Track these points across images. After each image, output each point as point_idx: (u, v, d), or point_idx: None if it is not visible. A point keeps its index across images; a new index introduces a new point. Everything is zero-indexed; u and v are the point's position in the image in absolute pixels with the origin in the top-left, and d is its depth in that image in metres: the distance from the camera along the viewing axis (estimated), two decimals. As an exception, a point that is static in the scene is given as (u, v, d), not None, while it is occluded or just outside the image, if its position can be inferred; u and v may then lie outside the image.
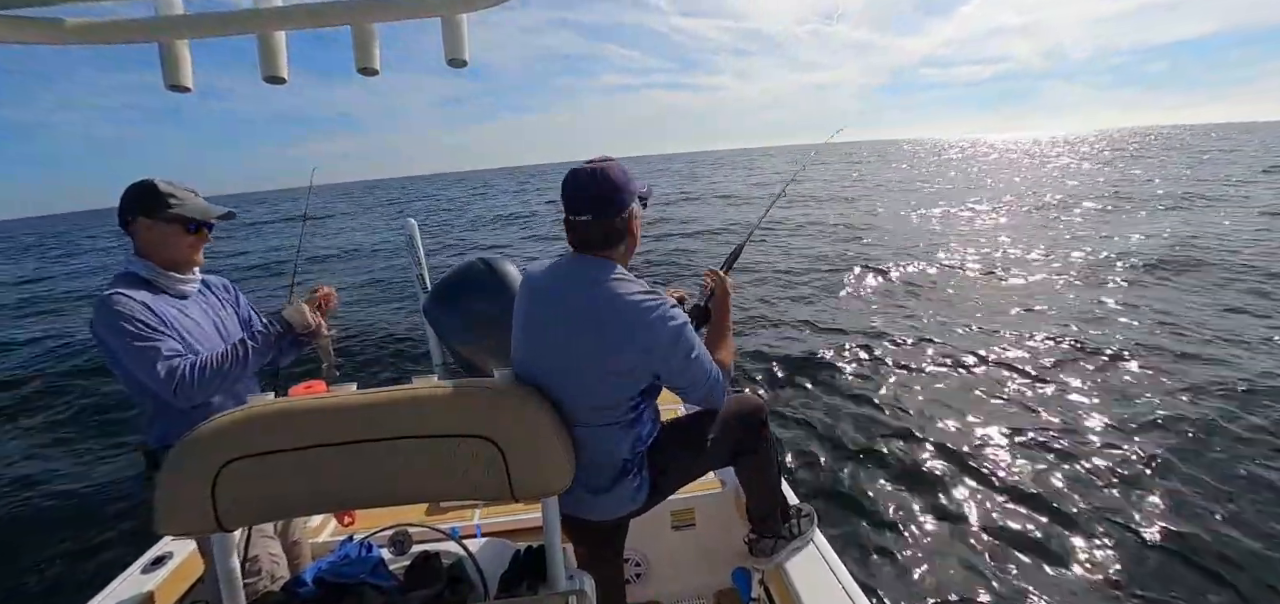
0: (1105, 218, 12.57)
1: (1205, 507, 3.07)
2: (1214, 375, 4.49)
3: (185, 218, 1.57)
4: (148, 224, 1.55)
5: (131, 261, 1.57)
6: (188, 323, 1.58)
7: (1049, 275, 7.72)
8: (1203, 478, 3.30)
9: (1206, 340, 5.27)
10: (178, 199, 1.57)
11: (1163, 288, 7.01)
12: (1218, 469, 3.37)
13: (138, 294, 1.50)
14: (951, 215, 14.51)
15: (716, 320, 1.63)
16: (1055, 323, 5.94)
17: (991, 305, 6.72)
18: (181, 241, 1.59)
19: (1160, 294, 6.73)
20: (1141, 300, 6.49)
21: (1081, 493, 3.25)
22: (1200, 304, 6.29)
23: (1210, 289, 6.82)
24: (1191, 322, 5.74)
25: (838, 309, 7.00)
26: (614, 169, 1.37)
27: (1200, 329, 5.54)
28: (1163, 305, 6.26)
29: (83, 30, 0.98)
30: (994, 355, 5.19)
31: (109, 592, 1.83)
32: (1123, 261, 8.10)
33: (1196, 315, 5.92)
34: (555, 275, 1.41)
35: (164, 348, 1.46)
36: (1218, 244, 8.91)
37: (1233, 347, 5.07)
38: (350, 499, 1.16)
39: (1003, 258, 9.07)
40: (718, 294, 1.67)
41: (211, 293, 1.74)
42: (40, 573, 3.55)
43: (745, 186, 28.18)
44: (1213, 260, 7.98)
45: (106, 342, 1.47)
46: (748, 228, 2.30)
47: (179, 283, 1.61)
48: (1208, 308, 6.16)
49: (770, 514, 1.76)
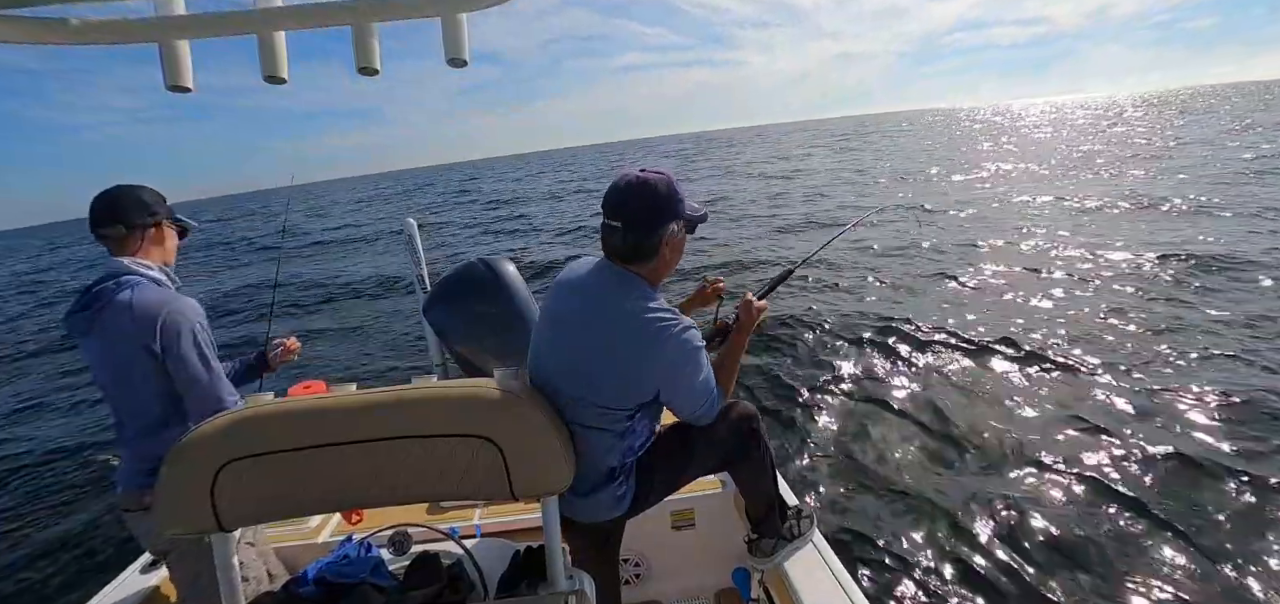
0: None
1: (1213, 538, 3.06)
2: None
3: (183, 223, 1.62)
4: (165, 228, 1.58)
5: (146, 267, 1.54)
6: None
7: (1067, 274, 7.65)
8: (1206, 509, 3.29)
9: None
10: (169, 207, 1.61)
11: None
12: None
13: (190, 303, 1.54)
14: (963, 198, 14.33)
15: (729, 345, 1.62)
16: (1077, 320, 5.91)
17: (1002, 300, 6.70)
18: (173, 244, 1.64)
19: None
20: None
21: (1083, 493, 3.25)
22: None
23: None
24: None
25: (838, 309, 6.99)
26: (659, 184, 1.35)
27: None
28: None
29: (83, 30, 0.98)
30: (1002, 349, 5.19)
31: (109, 592, 1.83)
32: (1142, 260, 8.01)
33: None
34: (584, 277, 1.42)
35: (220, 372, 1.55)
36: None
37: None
38: (350, 499, 1.17)
39: (1016, 250, 8.96)
40: (741, 320, 1.64)
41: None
42: (41, 573, 3.56)
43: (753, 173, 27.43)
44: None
45: (185, 354, 1.48)
46: (796, 259, 2.09)
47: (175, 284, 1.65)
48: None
49: (768, 516, 1.77)
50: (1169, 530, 2.91)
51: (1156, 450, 3.50)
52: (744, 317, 1.64)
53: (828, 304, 7.18)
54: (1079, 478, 3.38)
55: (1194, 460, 3.39)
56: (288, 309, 9.91)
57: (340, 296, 10.70)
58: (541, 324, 1.47)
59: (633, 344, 1.31)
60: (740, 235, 12.08)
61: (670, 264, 1.42)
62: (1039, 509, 3.16)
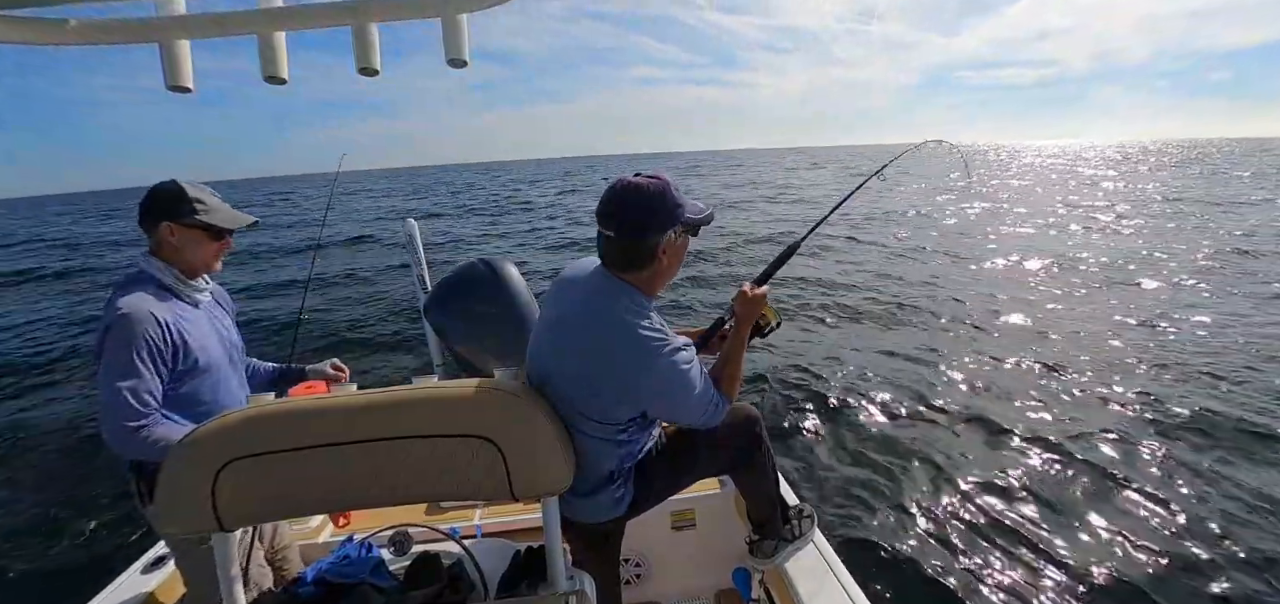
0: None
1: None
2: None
3: (211, 225, 1.53)
4: (171, 228, 1.50)
5: (148, 262, 1.52)
6: (196, 333, 1.54)
7: (1063, 288, 7.69)
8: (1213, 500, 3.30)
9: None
10: (205, 206, 1.52)
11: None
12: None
13: (153, 307, 1.44)
14: (972, 220, 14.42)
15: (729, 343, 1.52)
16: (1074, 336, 5.92)
17: (1003, 315, 6.70)
18: (206, 249, 1.55)
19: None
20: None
21: (1082, 494, 3.25)
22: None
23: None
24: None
25: (840, 307, 6.99)
26: (652, 188, 1.28)
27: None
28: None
29: (84, 30, 0.98)
30: (999, 359, 5.19)
31: (109, 592, 1.83)
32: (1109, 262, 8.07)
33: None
34: (581, 281, 1.38)
35: (144, 389, 1.39)
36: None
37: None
38: (350, 499, 1.16)
39: (1018, 269, 8.98)
40: (738, 313, 1.52)
41: (217, 302, 1.72)
42: (41, 572, 3.56)
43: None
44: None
45: (104, 358, 1.40)
46: (789, 242, 1.80)
47: (194, 291, 1.57)
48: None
49: (770, 518, 1.76)
50: (1178, 537, 2.90)
51: (1167, 455, 3.49)
52: (741, 309, 1.51)
53: (827, 298, 7.18)
54: (1081, 478, 3.38)
55: (1216, 473, 3.35)
56: (287, 306, 9.91)
57: (341, 297, 10.70)
58: (540, 323, 1.45)
59: (620, 361, 1.26)
60: (744, 239, 12.09)
61: (669, 272, 1.36)
62: (1041, 508, 3.16)
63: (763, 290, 1.55)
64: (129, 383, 1.37)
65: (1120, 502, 3.17)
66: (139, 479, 1.53)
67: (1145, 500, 3.16)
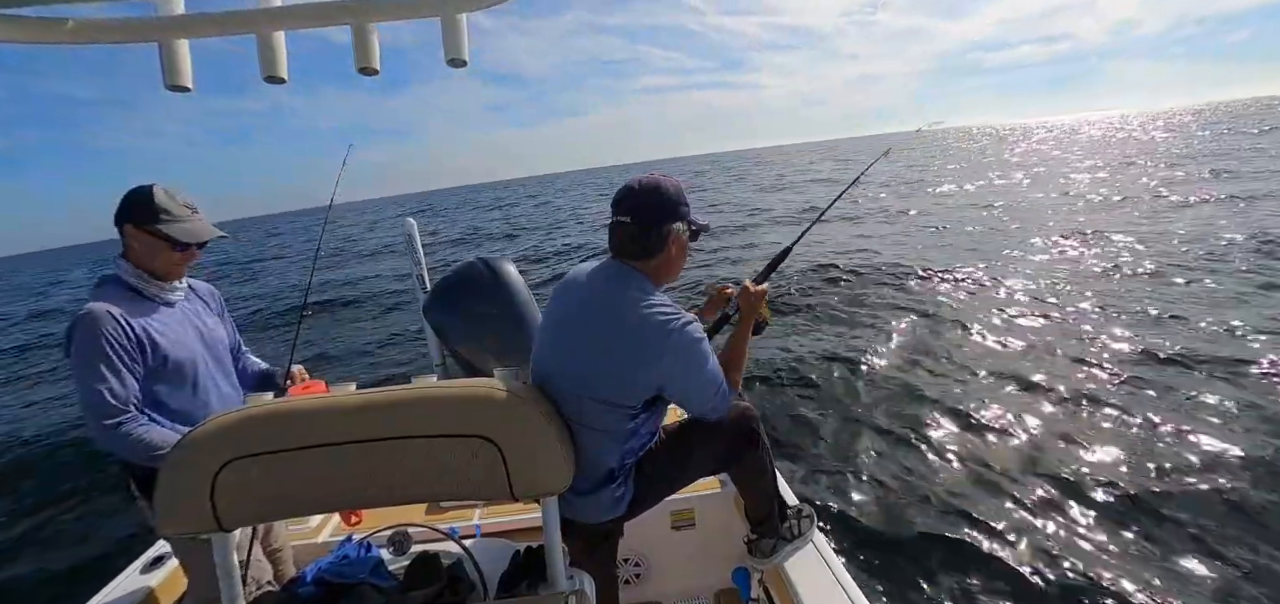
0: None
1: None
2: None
3: (168, 237, 1.56)
4: (134, 232, 1.54)
5: (118, 265, 1.56)
6: (169, 332, 1.56)
7: (1088, 271, 7.64)
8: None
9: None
10: (170, 215, 1.55)
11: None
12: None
13: (120, 308, 1.48)
14: (969, 207, 14.42)
15: (732, 336, 1.60)
16: (1066, 329, 5.92)
17: (1006, 308, 6.70)
18: (166, 256, 1.58)
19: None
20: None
21: (1086, 493, 3.25)
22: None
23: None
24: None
25: (840, 307, 6.99)
26: (666, 183, 1.40)
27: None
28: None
29: (83, 30, 0.98)
30: (998, 356, 5.19)
31: (109, 591, 1.83)
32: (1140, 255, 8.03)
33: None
34: (588, 277, 1.44)
35: (113, 387, 1.44)
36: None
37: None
38: (350, 499, 1.16)
39: (1025, 260, 8.96)
40: (741, 308, 1.62)
41: (198, 299, 1.75)
42: (40, 572, 3.56)
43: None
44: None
45: (74, 358, 1.45)
46: (789, 239, 1.92)
47: (165, 291, 1.61)
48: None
49: (768, 517, 1.77)
50: (1181, 540, 2.89)
51: (1169, 458, 3.47)
52: (744, 304, 1.62)
53: (823, 299, 7.18)
54: (1082, 478, 3.38)
55: (1220, 476, 3.31)
56: (288, 310, 9.92)
57: (340, 297, 10.71)
58: (544, 326, 1.49)
59: (632, 338, 1.31)
60: (743, 238, 12.09)
61: (676, 263, 1.44)
62: (1041, 507, 3.16)
63: (763, 288, 1.65)
64: (98, 382, 1.43)
65: (1122, 503, 3.16)
66: (130, 477, 1.56)
67: (1153, 504, 3.15)
